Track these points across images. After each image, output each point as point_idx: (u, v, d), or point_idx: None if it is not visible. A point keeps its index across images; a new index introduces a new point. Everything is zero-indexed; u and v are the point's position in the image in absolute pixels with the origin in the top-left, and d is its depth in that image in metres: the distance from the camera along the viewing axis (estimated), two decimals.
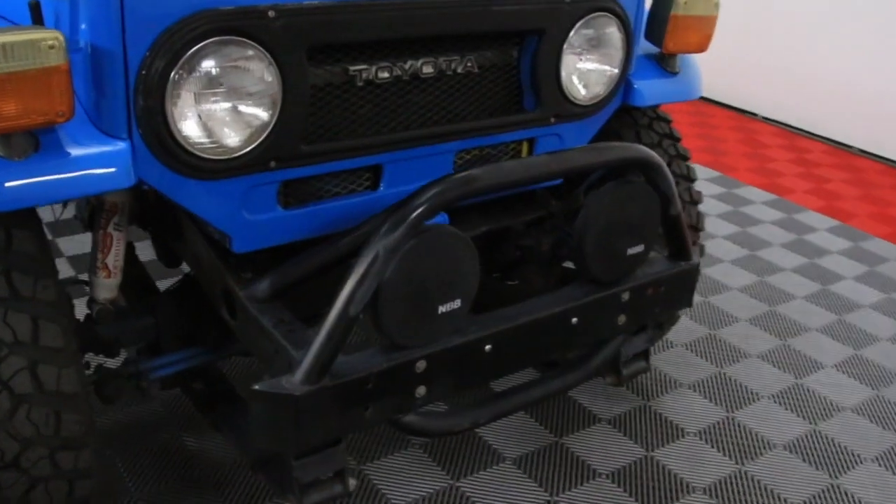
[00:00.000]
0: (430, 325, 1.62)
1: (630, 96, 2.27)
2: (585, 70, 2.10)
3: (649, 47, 2.34)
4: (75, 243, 3.40)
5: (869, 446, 2.66)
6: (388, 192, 1.90)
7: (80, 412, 1.60)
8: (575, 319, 1.85)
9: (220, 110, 1.59)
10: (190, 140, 1.56)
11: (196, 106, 1.56)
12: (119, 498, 2.20)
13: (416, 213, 1.52)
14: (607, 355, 2.04)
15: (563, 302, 1.84)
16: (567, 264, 2.32)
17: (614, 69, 2.14)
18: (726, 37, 6.05)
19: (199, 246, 1.86)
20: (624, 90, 2.26)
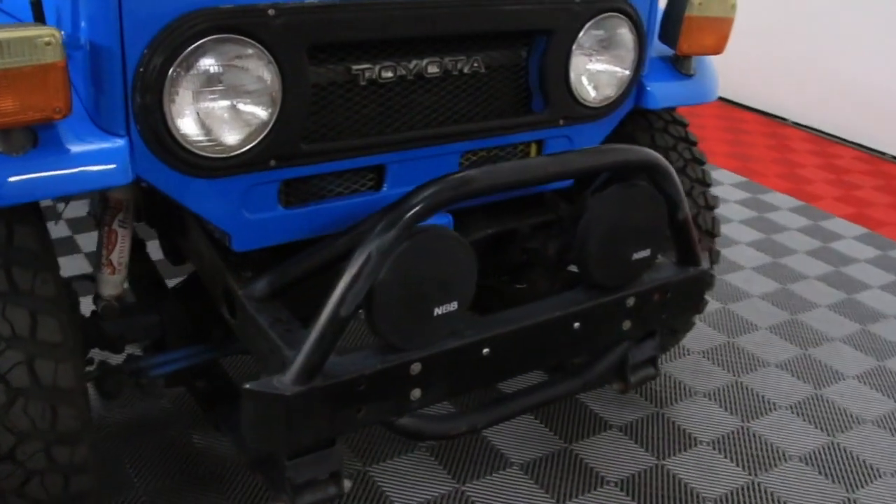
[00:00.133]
0: (426, 328, 1.60)
1: (642, 99, 2.23)
2: (595, 71, 2.07)
3: (664, 49, 2.30)
4: (93, 239, 3.42)
5: (889, 460, 2.59)
6: (392, 192, 1.89)
7: (76, 407, 1.60)
8: (577, 324, 1.82)
9: (218, 108, 1.58)
10: (188, 138, 1.56)
11: (194, 104, 1.55)
12: (123, 493, 2.22)
13: (409, 215, 1.50)
14: (612, 361, 2.00)
15: (564, 306, 1.81)
16: (573, 268, 2.29)
17: (625, 71, 2.11)
18: (757, 40, 5.99)
19: (201, 244, 1.86)
20: (636, 92, 2.22)
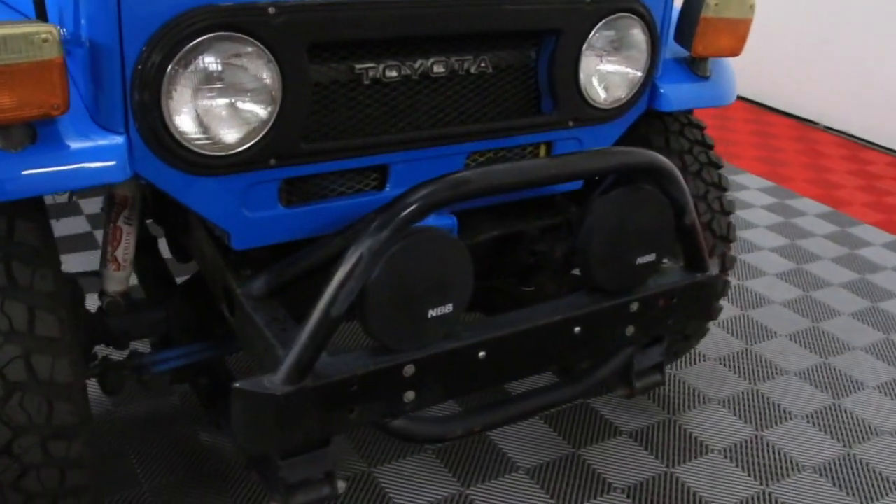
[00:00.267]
0: (420, 330, 1.59)
1: (656, 100, 2.20)
2: (606, 72, 2.04)
3: (679, 50, 2.27)
4: None
5: None
6: (396, 192, 1.86)
7: (73, 402, 1.61)
8: (578, 329, 1.79)
9: (217, 106, 1.58)
10: (186, 135, 1.56)
11: (193, 101, 1.55)
12: (127, 489, 2.23)
13: (402, 215, 1.49)
14: (615, 367, 1.97)
15: (565, 310, 1.78)
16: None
17: (637, 72, 2.07)
18: (788, 43, 5.90)
19: (203, 242, 1.86)
20: (650, 94, 2.19)
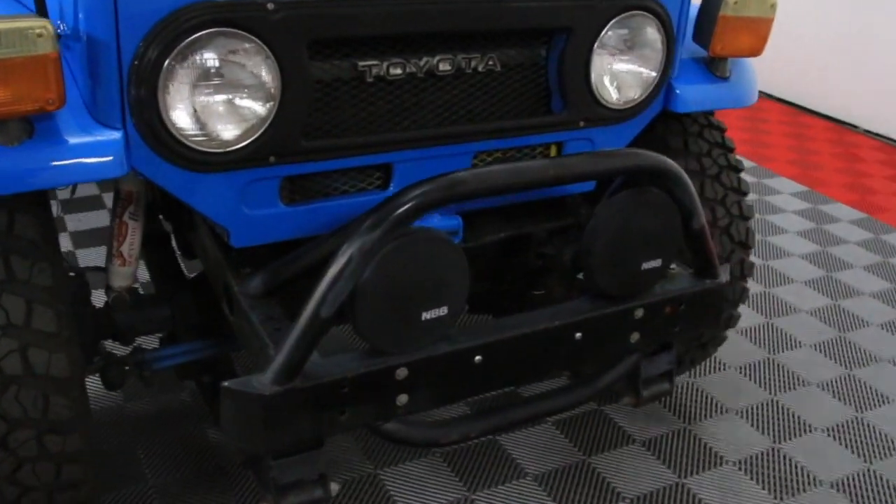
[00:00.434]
0: (413, 332, 1.56)
1: (671, 101, 2.14)
2: (619, 72, 2.00)
3: (698, 50, 2.21)
4: None
5: None
6: None
7: (69, 397, 1.61)
8: (579, 334, 1.75)
9: (214, 103, 1.57)
10: (183, 132, 1.55)
11: (190, 98, 1.54)
12: (133, 485, 2.24)
13: (395, 215, 1.46)
14: (619, 375, 1.92)
15: (566, 315, 1.74)
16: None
17: (652, 72, 2.03)
18: (827, 43, 5.78)
19: (206, 239, 1.86)
20: (665, 94, 2.14)
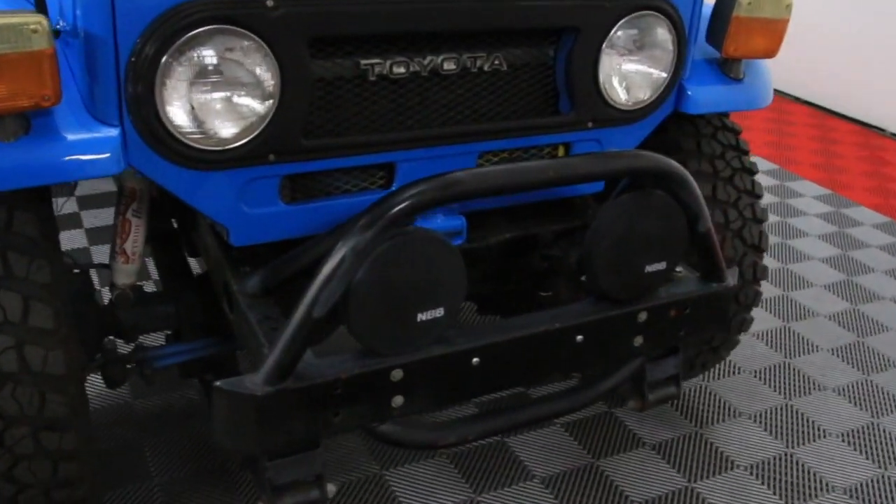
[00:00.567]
0: (408, 334, 1.54)
1: (682, 103, 2.10)
2: (628, 72, 1.96)
3: (711, 51, 2.17)
4: None
5: None
6: None
7: (66, 394, 1.61)
8: (580, 337, 1.72)
9: (212, 100, 1.55)
10: (181, 129, 1.54)
11: (188, 95, 1.53)
12: (138, 482, 2.24)
13: (389, 215, 1.44)
14: (622, 379, 1.89)
15: (567, 318, 1.71)
16: None
17: (662, 73, 1.99)
18: (854, 45, 5.68)
19: (207, 237, 1.85)
20: (677, 96, 2.10)
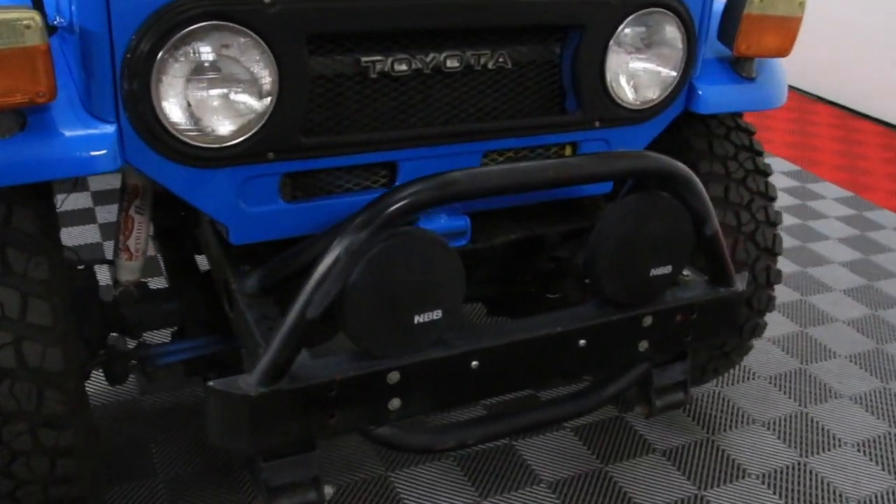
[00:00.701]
0: (405, 336, 1.52)
1: (693, 102, 2.06)
2: (636, 71, 1.93)
3: (723, 50, 2.13)
4: None
5: None
6: None
7: (64, 391, 1.60)
8: (583, 342, 1.69)
9: (209, 97, 1.54)
10: (177, 126, 1.53)
11: (184, 92, 1.52)
12: (143, 479, 2.24)
13: (384, 215, 1.42)
14: (626, 384, 1.85)
15: (569, 321, 1.68)
16: None
17: (671, 71, 1.95)
18: (877, 45, 5.58)
19: (209, 234, 1.84)
20: (687, 95, 2.06)
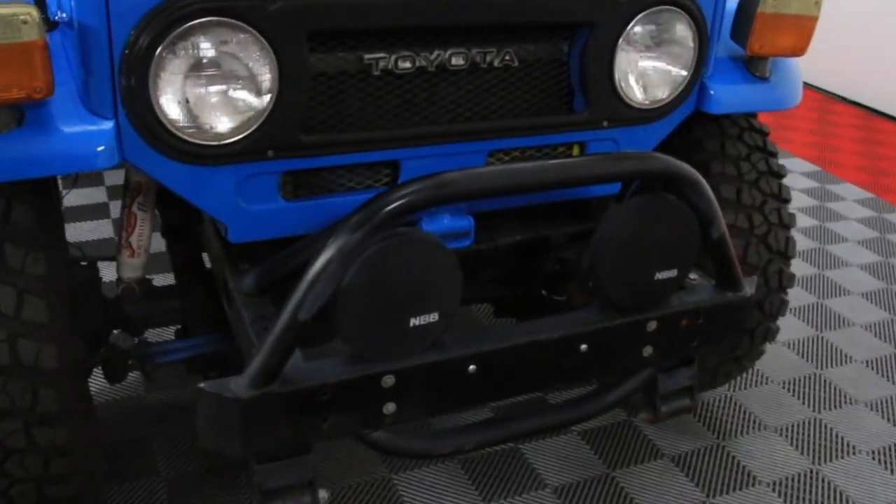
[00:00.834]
0: (400, 339, 1.49)
1: (704, 102, 2.02)
2: (645, 70, 1.89)
3: (737, 49, 2.08)
4: None
5: None
6: None
7: (59, 389, 1.59)
8: (584, 346, 1.66)
9: (208, 94, 1.52)
10: (176, 123, 1.51)
11: (182, 88, 1.50)
12: (145, 476, 2.23)
13: (378, 216, 1.40)
14: (630, 390, 1.81)
15: (570, 325, 1.65)
16: None
17: (682, 71, 1.91)
18: None
19: (210, 232, 1.83)
20: (698, 95, 2.02)
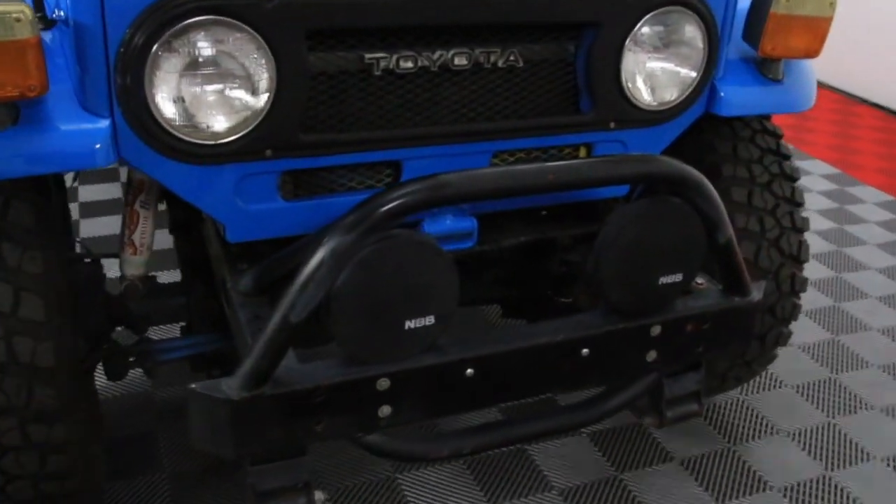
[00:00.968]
0: (395, 342, 1.47)
1: (715, 104, 1.99)
2: (653, 71, 1.86)
3: (749, 50, 2.04)
4: None
5: None
6: None
7: (55, 387, 1.59)
8: (586, 351, 1.63)
9: (204, 93, 1.51)
10: (172, 122, 1.50)
11: (178, 87, 1.49)
12: (149, 473, 2.23)
13: (373, 217, 1.38)
14: (634, 394, 1.78)
15: (572, 329, 1.62)
16: None
17: (691, 72, 1.88)
18: None
19: (210, 231, 1.82)
20: (708, 96, 1.99)
